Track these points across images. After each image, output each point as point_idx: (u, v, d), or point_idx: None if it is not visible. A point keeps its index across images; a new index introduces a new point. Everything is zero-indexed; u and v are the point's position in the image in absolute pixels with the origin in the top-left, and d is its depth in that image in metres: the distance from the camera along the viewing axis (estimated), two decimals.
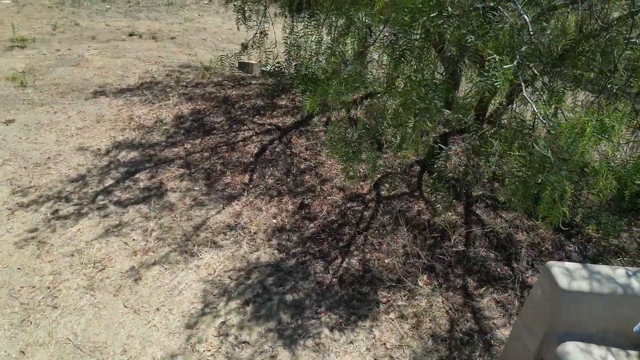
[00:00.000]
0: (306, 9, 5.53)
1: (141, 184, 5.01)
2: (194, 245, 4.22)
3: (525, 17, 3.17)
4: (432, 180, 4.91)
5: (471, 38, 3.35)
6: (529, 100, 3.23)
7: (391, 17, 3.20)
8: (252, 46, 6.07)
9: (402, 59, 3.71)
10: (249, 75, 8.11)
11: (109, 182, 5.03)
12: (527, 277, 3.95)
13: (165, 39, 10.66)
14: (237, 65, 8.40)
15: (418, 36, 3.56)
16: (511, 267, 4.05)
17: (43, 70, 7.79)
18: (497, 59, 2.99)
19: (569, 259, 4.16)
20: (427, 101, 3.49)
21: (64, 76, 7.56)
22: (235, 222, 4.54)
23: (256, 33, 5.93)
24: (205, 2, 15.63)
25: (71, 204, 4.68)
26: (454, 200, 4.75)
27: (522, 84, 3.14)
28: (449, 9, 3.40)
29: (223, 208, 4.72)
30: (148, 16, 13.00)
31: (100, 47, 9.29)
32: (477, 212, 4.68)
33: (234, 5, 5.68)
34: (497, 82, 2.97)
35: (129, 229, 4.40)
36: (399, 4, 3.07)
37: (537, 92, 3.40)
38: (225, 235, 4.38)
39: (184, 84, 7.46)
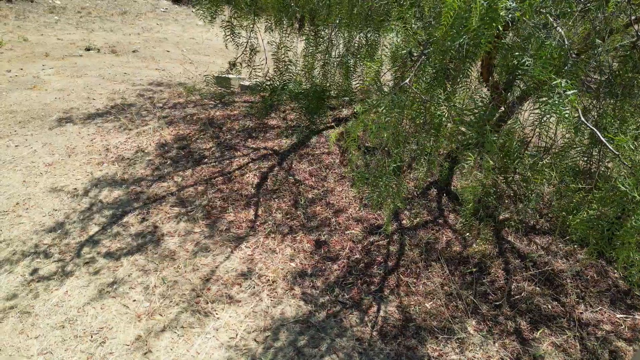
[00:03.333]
0: (309, 24, 5.04)
1: (132, 229, 4.38)
2: (207, 302, 3.66)
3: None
4: (455, 207, 4.54)
5: (528, 61, 2.98)
6: (595, 130, 2.90)
7: (444, 40, 2.77)
8: (241, 64, 5.52)
9: (436, 81, 3.31)
10: (228, 91, 7.51)
11: (94, 229, 4.37)
12: (582, 314, 3.64)
13: (127, 53, 9.87)
14: (214, 81, 7.79)
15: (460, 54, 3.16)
16: (561, 303, 3.73)
17: None
18: (560, 84, 2.64)
19: (617, 287, 3.88)
20: (479, 133, 3.10)
21: (21, 102, 6.72)
22: (248, 268, 4.00)
23: (245, 49, 5.38)
24: (162, 10, 14.78)
25: (52, 261, 4.00)
26: (482, 226, 4.40)
27: (580, 113, 2.80)
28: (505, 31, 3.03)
29: (231, 252, 4.17)
30: (102, 27, 12.09)
31: (57, 65, 8.43)
32: (508, 239, 4.34)
33: (221, 21, 5.11)
34: (564, 111, 2.61)
35: (127, 287, 3.78)
36: (456, 26, 2.65)
37: (602, 117, 3.07)
38: (241, 286, 3.84)
39: (160, 105, 6.79)
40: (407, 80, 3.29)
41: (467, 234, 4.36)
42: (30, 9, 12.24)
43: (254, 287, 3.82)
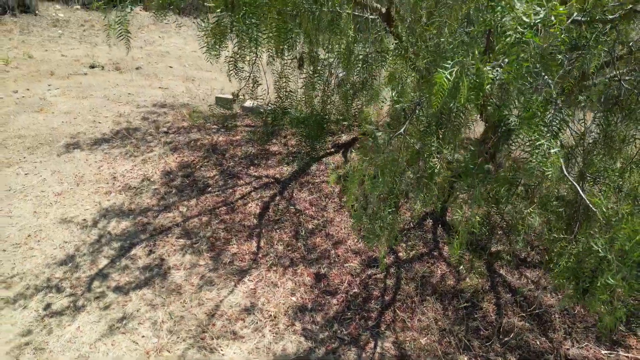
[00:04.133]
0: (308, 62, 5.22)
1: (140, 262, 4.57)
2: (212, 338, 3.85)
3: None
4: (449, 240, 4.73)
5: (514, 121, 3.18)
6: (576, 185, 3.09)
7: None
8: (244, 95, 5.69)
9: (429, 129, 3.51)
10: (229, 113, 7.69)
11: (103, 262, 4.56)
12: (568, 350, 3.83)
13: (131, 70, 10.04)
14: (216, 102, 7.97)
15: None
16: (549, 338, 3.92)
17: (3, 118, 7.09)
18: (544, 145, 2.83)
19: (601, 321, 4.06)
20: (469, 185, 3.30)
21: (29, 125, 6.91)
22: (251, 303, 4.19)
23: (247, 81, 5.55)
24: (165, 22, 14.93)
25: (64, 295, 4.19)
26: (474, 259, 4.59)
27: (563, 167, 2.98)
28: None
29: (235, 286, 4.36)
30: (105, 41, 12.24)
31: (62, 85, 8.60)
32: (500, 272, 4.53)
33: (225, 57, 5.28)
34: (547, 171, 2.80)
35: (136, 322, 3.97)
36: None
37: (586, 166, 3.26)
38: (244, 321, 4.03)
39: (165, 129, 6.97)
40: (402, 130, 3.49)
41: (461, 266, 4.54)
42: (34, 23, 12.40)
43: (257, 323, 4.01)
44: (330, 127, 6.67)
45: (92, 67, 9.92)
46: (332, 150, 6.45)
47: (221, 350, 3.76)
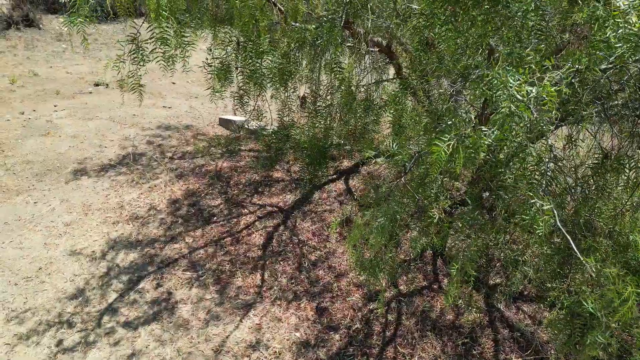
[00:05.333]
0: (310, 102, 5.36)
1: (148, 296, 4.71)
2: None
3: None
4: (449, 271, 4.87)
5: (510, 179, 3.32)
6: (569, 239, 3.22)
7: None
8: (249, 126, 5.84)
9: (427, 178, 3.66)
10: (233, 134, 7.83)
11: (112, 296, 4.70)
12: None
13: (134, 88, 10.16)
14: (217, 122, 8.11)
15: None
16: None
17: (11, 143, 7.23)
18: (537, 204, 2.96)
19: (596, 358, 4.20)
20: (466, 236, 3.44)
21: (36, 150, 7.05)
22: (256, 339, 4.34)
23: (252, 114, 5.70)
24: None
25: (75, 331, 4.33)
26: (474, 292, 4.73)
27: (557, 219, 3.12)
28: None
29: (240, 321, 4.50)
30: (109, 55, 12.37)
31: (68, 105, 8.74)
32: (498, 307, 4.67)
33: (230, 92, 5.43)
34: (539, 229, 2.92)
35: (145, 359, 4.11)
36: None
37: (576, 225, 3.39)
38: (249, 358, 4.17)
39: (170, 154, 7.12)
40: (402, 179, 3.64)
41: (460, 300, 4.68)
42: (38, 38, 12.54)
43: (262, 359, 4.15)
44: (332, 152, 6.81)
45: (97, 85, 10.06)
46: (334, 176, 6.58)
47: None
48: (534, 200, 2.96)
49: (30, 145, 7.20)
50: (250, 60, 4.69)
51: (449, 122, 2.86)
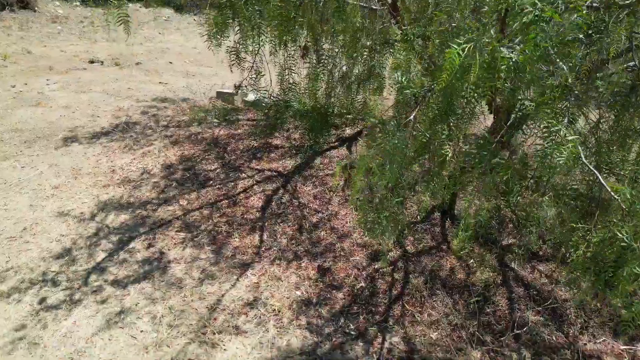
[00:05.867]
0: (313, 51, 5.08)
1: (139, 256, 4.42)
2: (214, 333, 3.70)
3: None
4: (457, 232, 4.58)
5: (530, 105, 3.04)
6: (595, 172, 2.94)
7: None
8: (247, 87, 5.55)
9: (439, 118, 3.36)
10: (231, 107, 7.55)
11: (101, 255, 4.41)
12: (585, 345, 3.68)
13: (130, 66, 9.91)
14: (217, 97, 7.82)
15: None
16: (564, 333, 3.77)
17: (0, 112, 6.95)
18: (560, 131, 2.68)
19: (619, 317, 3.92)
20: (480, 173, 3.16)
21: (26, 119, 6.77)
22: (254, 297, 4.05)
23: (250, 73, 5.41)
24: (164, 18, 14.82)
25: (60, 289, 4.04)
26: (484, 252, 4.44)
27: (582, 154, 2.82)
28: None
29: (237, 280, 4.21)
30: (105, 37, 12.12)
31: (61, 79, 8.47)
32: (512, 266, 4.38)
33: (227, 47, 5.15)
34: (561, 158, 2.63)
35: (134, 316, 3.82)
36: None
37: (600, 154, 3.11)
38: (247, 316, 3.88)
39: (165, 123, 6.83)
40: (411, 117, 3.35)
41: (471, 260, 4.40)
42: (33, 19, 12.28)
43: (260, 317, 3.86)
44: (334, 121, 6.54)
45: (92, 62, 9.79)
46: (336, 144, 6.30)
47: (223, 345, 3.61)
48: (557, 127, 2.68)
49: (20, 114, 6.92)
50: (249, 6, 4.41)
51: (463, 25, 2.58)
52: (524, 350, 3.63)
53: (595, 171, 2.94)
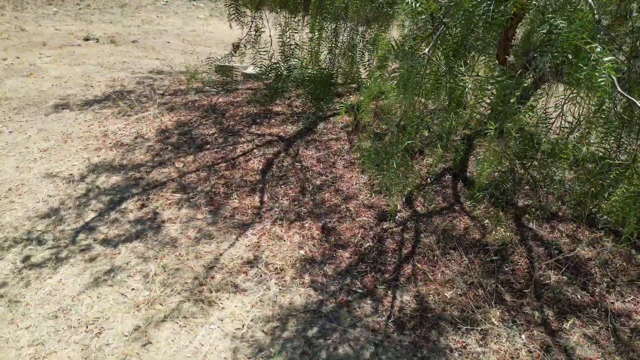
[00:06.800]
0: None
1: (131, 216, 4.14)
2: (211, 291, 3.41)
3: None
4: (473, 193, 4.30)
5: (562, 23, 2.74)
6: (633, 100, 2.65)
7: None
8: (245, 46, 5.28)
9: (457, 52, 3.07)
10: (230, 79, 7.26)
11: (90, 215, 4.13)
12: (613, 304, 3.39)
13: (127, 43, 9.63)
14: (216, 69, 7.53)
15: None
16: (590, 292, 3.48)
17: None
18: (595, 49, 2.38)
19: None
20: (503, 102, 2.87)
21: (17, 88, 6.48)
22: (254, 256, 3.76)
23: (249, 31, 5.14)
24: (163, 2, 14.54)
25: (46, 247, 3.76)
26: (500, 211, 4.16)
27: (616, 82, 2.53)
28: None
29: (236, 239, 3.93)
30: (101, 19, 11.85)
31: (54, 53, 8.19)
32: (529, 226, 4.10)
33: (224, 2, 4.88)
34: (600, 81, 2.33)
35: (125, 274, 3.54)
36: None
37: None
38: (247, 274, 3.59)
39: (161, 91, 6.55)
40: (426, 50, 3.05)
41: (487, 220, 4.11)
42: (28, 0, 12.01)
43: (261, 276, 3.58)
44: (338, 89, 6.24)
45: (87, 39, 9.51)
46: (340, 110, 6.01)
47: (221, 303, 3.32)
48: (592, 46, 2.39)
49: (10, 84, 6.64)
50: None
51: None
52: (547, 309, 3.34)
53: (632, 99, 2.65)
